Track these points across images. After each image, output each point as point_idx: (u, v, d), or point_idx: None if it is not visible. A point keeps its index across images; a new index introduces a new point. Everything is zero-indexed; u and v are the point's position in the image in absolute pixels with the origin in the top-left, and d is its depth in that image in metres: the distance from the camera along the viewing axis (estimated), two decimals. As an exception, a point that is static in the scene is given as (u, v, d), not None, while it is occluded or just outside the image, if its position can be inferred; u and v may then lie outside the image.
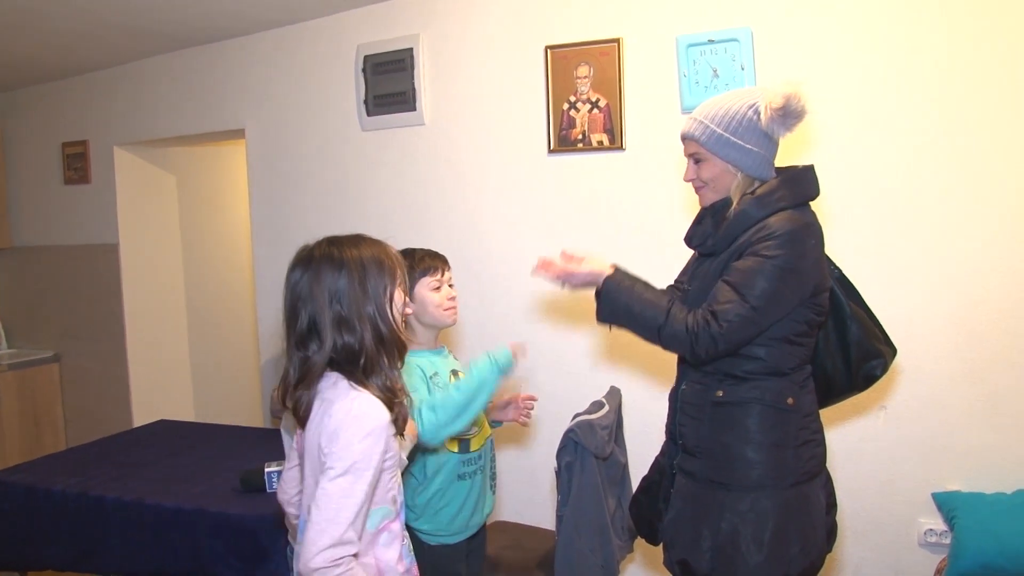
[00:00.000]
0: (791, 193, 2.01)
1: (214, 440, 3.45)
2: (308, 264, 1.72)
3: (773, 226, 1.94)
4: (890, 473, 2.93)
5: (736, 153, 2.01)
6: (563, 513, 2.38)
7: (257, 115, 4.30)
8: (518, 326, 3.58)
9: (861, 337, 2.17)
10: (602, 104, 3.30)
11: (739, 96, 2.04)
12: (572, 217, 3.45)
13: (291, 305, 1.72)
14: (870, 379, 2.22)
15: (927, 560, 2.87)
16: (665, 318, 1.98)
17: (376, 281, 1.73)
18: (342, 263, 1.71)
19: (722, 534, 1.99)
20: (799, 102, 1.95)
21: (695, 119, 2.06)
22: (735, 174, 2.04)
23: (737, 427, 2.01)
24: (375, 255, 1.76)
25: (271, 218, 4.33)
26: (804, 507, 2.03)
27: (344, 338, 1.69)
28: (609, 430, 2.52)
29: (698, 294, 2.08)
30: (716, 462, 2.04)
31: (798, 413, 2.03)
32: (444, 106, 3.72)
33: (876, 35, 2.84)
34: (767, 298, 1.91)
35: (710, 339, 1.92)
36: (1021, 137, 2.66)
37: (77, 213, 5.13)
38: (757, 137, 2.00)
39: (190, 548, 2.65)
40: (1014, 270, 2.70)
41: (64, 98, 5.11)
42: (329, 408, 1.66)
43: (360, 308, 1.70)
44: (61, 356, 5.33)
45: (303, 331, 1.70)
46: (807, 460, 2.03)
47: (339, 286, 1.69)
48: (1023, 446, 2.73)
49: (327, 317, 1.68)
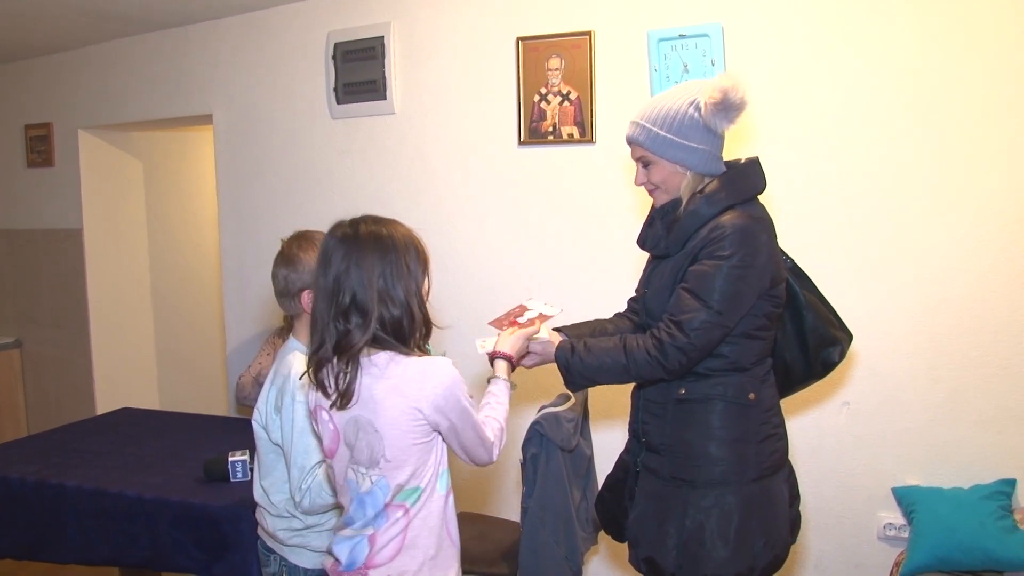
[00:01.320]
0: (738, 190, 2.02)
1: (178, 429, 3.42)
2: (354, 240, 1.76)
3: (724, 226, 1.94)
4: (851, 468, 2.97)
5: (682, 153, 2.00)
6: (528, 505, 2.39)
7: (225, 101, 4.26)
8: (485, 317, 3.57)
9: (817, 325, 2.20)
10: (573, 97, 3.30)
11: (678, 94, 2.02)
12: (541, 209, 3.45)
13: (334, 280, 1.74)
14: (828, 366, 2.24)
15: (886, 553, 2.91)
16: (626, 357, 1.99)
17: (414, 264, 1.80)
18: (390, 240, 1.76)
19: (687, 531, 2.01)
20: (738, 94, 1.94)
21: (637, 123, 2.05)
22: (684, 173, 2.03)
23: (699, 423, 2.02)
24: (414, 241, 1.83)
25: (238, 205, 4.29)
26: (768, 501, 2.05)
27: (391, 311, 1.74)
28: (575, 423, 2.53)
29: (655, 298, 2.10)
30: (679, 459, 2.05)
31: (759, 408, 2.04)
32: (414, 96, 3.70)
33: (847, 31, 2.86)
34: (728, 299, 1.92)
35: (678, 351, 1.93)
36: (990, 139, 2.70)
37: (40, 197, 5.05)
38: (701, 134, 1.99)
39: (151, 538, 2.62)
40: (975, 271, 2.75)
41: (28, 79, 5.02)
42: (419, 377, 1.74)
43: (406, 284, 1.76)
44: (23, 342, 5.25)
45: (345, 305, 1.73)
46: (769, 454, 2.05)
47: (386, 263, 1.74)
48: (981, 442, 2.78)
49: (374, 291, 1.72)
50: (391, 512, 1.79)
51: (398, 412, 1.73)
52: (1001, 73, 2.67)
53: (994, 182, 2.70)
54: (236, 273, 4.33)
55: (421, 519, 1.82)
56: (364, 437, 1.76)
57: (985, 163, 2.71)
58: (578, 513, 2.52)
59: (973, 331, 2.77)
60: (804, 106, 2.94)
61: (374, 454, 1.76)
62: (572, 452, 2.52)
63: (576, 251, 3.39)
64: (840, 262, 2.89)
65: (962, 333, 2.78)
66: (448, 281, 3.63)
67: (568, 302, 3.30)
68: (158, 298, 5.33)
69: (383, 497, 1.78)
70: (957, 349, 2.79)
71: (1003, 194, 2.69)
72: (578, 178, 3.35)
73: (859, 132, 2.87)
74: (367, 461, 1.78)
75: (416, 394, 1.73)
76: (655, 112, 2.02)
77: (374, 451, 1.76)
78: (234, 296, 4.35)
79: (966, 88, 2.72)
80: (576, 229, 3.37)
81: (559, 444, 2.40)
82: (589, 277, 3.35)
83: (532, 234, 3.49)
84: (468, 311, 3.60)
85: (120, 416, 3.68)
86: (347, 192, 3.91)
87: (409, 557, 1.81)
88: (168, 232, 5.39)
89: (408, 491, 1.79)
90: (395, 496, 1.78)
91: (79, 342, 4.94)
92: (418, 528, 1.82)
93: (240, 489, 2.63)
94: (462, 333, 3.61)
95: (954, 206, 2.76)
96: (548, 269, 3.46)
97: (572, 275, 3.40)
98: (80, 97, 4.79)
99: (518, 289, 3.51)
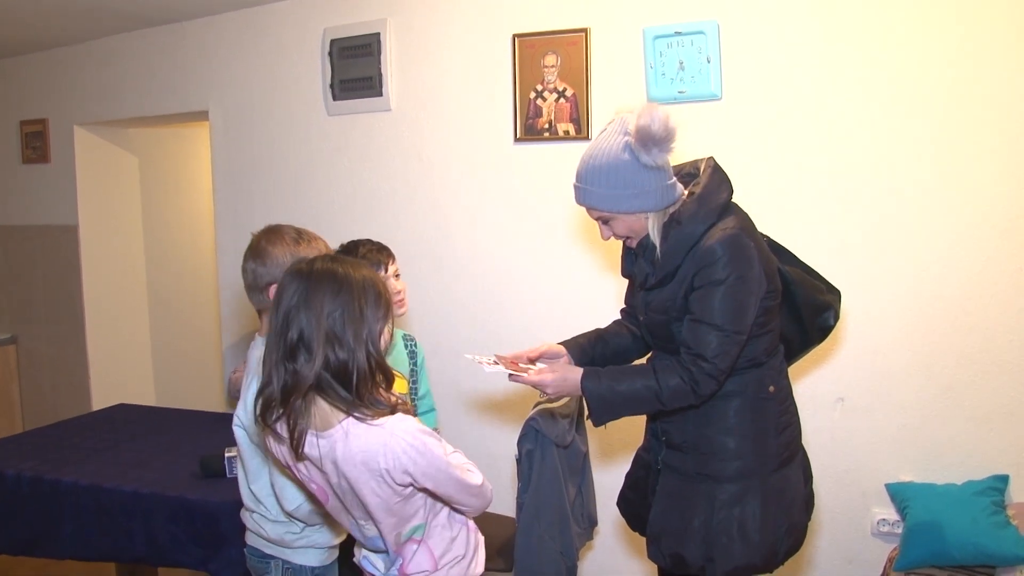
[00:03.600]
0: (712, 208, 2.00)
1: (174, 425, 3.42)
2: (308, 277, 1.69)
3: (713, 248, 1.93)
4: (845, 464, 2.98)
5: (636, 201, 1.97)
6: (523, 500, 2.40)
7: (221, 97, 4.25)
8: (480, 314, 3.59)
9: (806, 296, 2.22)
10: (569, 94, 3.31)
11: (605, 145, 1.97)
12: (537, 206, 3.45)
13: (283, 316, 1.67)
14: (825, 330, 2.29)
15: (879, 549, 2.93)
16: (658, 384, 1.97)
17: (372, 309, 1.71)
18: (343, 282, 1.69)
19: (713, 524, 2.05)
20: (657, 125, 1.87)
21: (582, 187, 2.03)
22: (645, 217, 2.01)
23: (721, 420, 2.06)
24: (373, 284, 1.74)
25: (234, 202, 4.29)
26: (787, 489, 2.10)
27: (337, 355, 1.66)
28: (570, 419, 2.53)
29: (656, 325, 2.11)
30: (702, 456, 2.09)
31: (777, 399, 2.09)
32: (411, 92, 3.70)
33: (842, 27, 2.86)
34: (734, 314, 1.94)
35: (708, 379, 1.95)
36: (985, 136, 2.71)
37: (36, 193, 5.04)
38: (644, 175, 1.94)
39: (147, 533, 2.62)
40: (970, 267, 2.76)
41: (23, 75, 5.01)
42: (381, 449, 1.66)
43: (356, 328, 1.67)
44: (18, 338, 5.24)
45: (293, 343, 1.66)
46: (787, 443, 2.11)
47: (337, 303, 1.66)
48: (974, 438, 2.80)
49: (321, 332, 1.65)
50: (405, 550, 1.81)
51: (374, 484, 1.69)
52: (998, 69, 2.68)
53: (989, 179, 2.71)
54: (232, 269, 4.32)
55: (439, 535, 1.84)
56: (351, 498, 1.76)
57: (981, 160, 2.72)
58: (573, 509, 2.53)
59: (967, 328, 2.78)
60: (799, 102, 2.94)
61: (366, 510, 1.76)
62: (567, 448, 2.52)
63: (573, 248, 3.39)
64: (834, 258, 2.90)
65: (956, 330, 2.80)
66: (443, 277, 3.63)
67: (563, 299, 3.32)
68: (154, 294, 5.32)
69: (391, 544, 1.81)
70: (951, 346, 2.81)
71: (998, 191, 2.70)
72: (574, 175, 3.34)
73: (854, 128, 2.88)
74: (362, 515, 1.78)
75: (384, 466, 1.67)
76: (591, 170, 1.99)
77: (365, 508, 1.75)
78: (229, 292, 4.35)
79: (963, 84, 2.72)
80: (573, 226, 3.37)
81: (554, 440, 2.41)
82: (584, 274, 3.36)
83: (528, 231, 3.49)
84: (462, 307, 3.61)
85: (116, 412, 3.68)
86: (343, 188, 3.92)
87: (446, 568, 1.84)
88: (164, 228, 5.38)
89: (412, 529, 1.80)
90: (399, 540, 1.80)
91: (75, 338, 4.93)
92: (440, 542, 1.84)
93: (236, 485, 2.63)
94: (455, 329, 3.63)
95: (949, 202, 2.77)
96: (543, 266, 3.46)
97: (567, 272, 3.40)
98: (76, 93, 4.79)
99: (513, 286, 3.52)
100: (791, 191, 2.96)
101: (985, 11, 2.67)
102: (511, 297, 3.51)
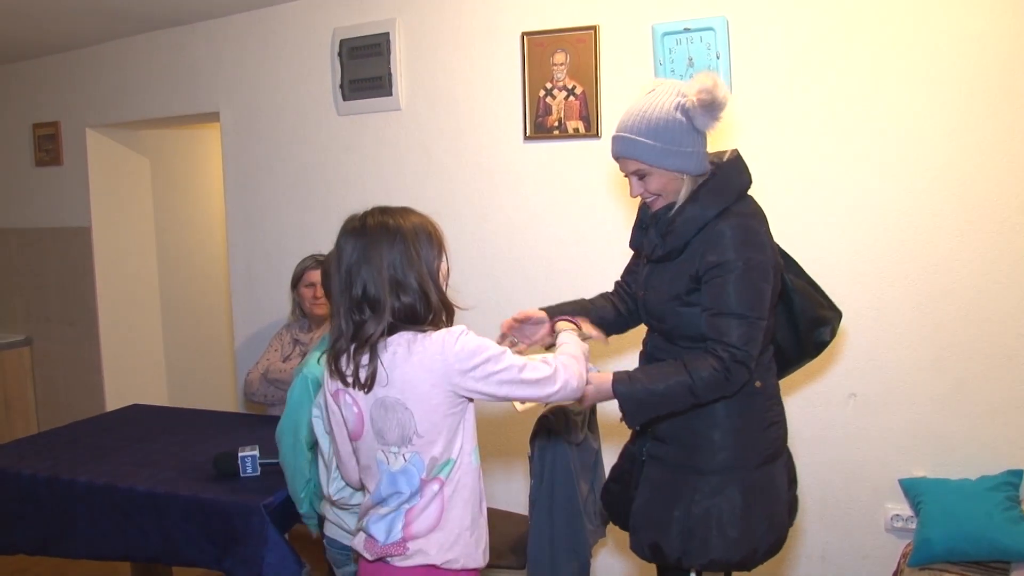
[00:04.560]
0: (730, 190, 2.02)
1: (187, 424, 3.43)
2: (362, 233, 1.79)
3: (724, 232, 1.95)
4: (858, 459, 2.97)
5: (679, 160, 1.98)
6: (536, 497, 2.41)
7: (232, 98, 4.27)
8: (489, 313, 3.58)
9: (805, 307, 2.21)
10: (578, 91, 3.31)
11: (659, 100, 1.99)
12: (547, 204, 3.45)
13: (345, 273, 1.78)
14: (820, 345, 2.27)
15: (893, 544, 2.92)
16: (691, 378, 1.95)
17: (427, 250, 1.82)
18: (397, 231, 1.79)
19: (693, 516, 2.04)
20: (720, 92, 1.92)
21: (626, 137, 2.02)
22: (682, 178, 2.02)
23: (706, 412, 2.05)
24: (424, 226, 1.85)
25: (245, 202, 4.30)
26: (770, 487, 2.09)
27: (402, 300, 1.76)
28: (583, 416, 2.54)
29: (655, 299, 2.11)
30: (685, 447, 2.08)
31: (764, 395, 2.08)
32: (420, 91, 3.71)
33: (852, 24, 2.86)
34: (754, 301, 1.94)
35: (739, 365, 1.93)
36: (994, 129, 2.70)
37: (48, 195, 5.07)
38: (691, 137, 1.97)
39: (162, 532, 2.64)
40: (980, 260, 2.75)
41: (36, 78, 5.04)
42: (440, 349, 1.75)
43: (417, 272, 1.78)
44: (32, 340, 5.28)
45: (357, 297, 1.77)
46: (772, 441, 2.09)
47: (394, 252, 1.77)
48: (988, 433, 2.79)
49: (384, 282, 1.75)
50: (427, 487, 1.82)
51: (428, 387, 1.76)
52: (1008, 65, 2.66)
53: (999, 172, 2.70)
54: (243, 269, 4.34)
55: (456, 491, 1.85)
56: (394, 417, 1.79)
57: (990, 155, 2.71)
58: (586, 506, 2.54)
59: (979, 321, 2.77)
60: (809, 98, 2.93)
61: (405, 432, 1.79)
62: (580, 445, 2.53)
63: (583, 245, 3.39)
64: (845, 253, 2.90)
65: (968, 323, 2.78)
66: (454, 276, 3.62)
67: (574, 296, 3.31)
68: (166, 295, 5.35)
69: (418, 473, 1.81)
70: (963, 339, 2.80)
71: (1008, 185, 2.69)
72: (584, 172, 3.35)
73: (863, 123, 2.87)
74: (398, 440, 1.80)
75: (441, 367, 1.75)
76: (641, 123, 1.99)
77: (405, 429, 1.78)
78: (241, 292, 4.37)
79: (971, 79, 2.71)
80: (581, 223, 3.38)
81: (567, 438, 2.41)
82: (594, 271, 3.36)
83: (537, 228, 3.49)
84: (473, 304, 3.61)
85: (130, 412, 3.70)
86: (353, 188, 3.93)
87: (447, 531, 1.83)
88: (176, 229, 5.41)
89: (442, 464, 1.82)
90: (431, 471, 1.81)
91: (88, 339, 4.96)
92: (454, 500, 1.84)
93: (250, 484, 2.65)
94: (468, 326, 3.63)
95: (959, 195, 2.76)
96: (553, 263, 3.46)
97: (577, 269, 3.40)
98: (88, 96, 4.81)
99: (524, 284, 3.52)
100: (801, 186, 2.95)
101: (996, 9, 2.66)
102: (522, 295, 3.51)
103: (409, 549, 1.81)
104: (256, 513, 2.47)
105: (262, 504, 2.46)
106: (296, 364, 3.54)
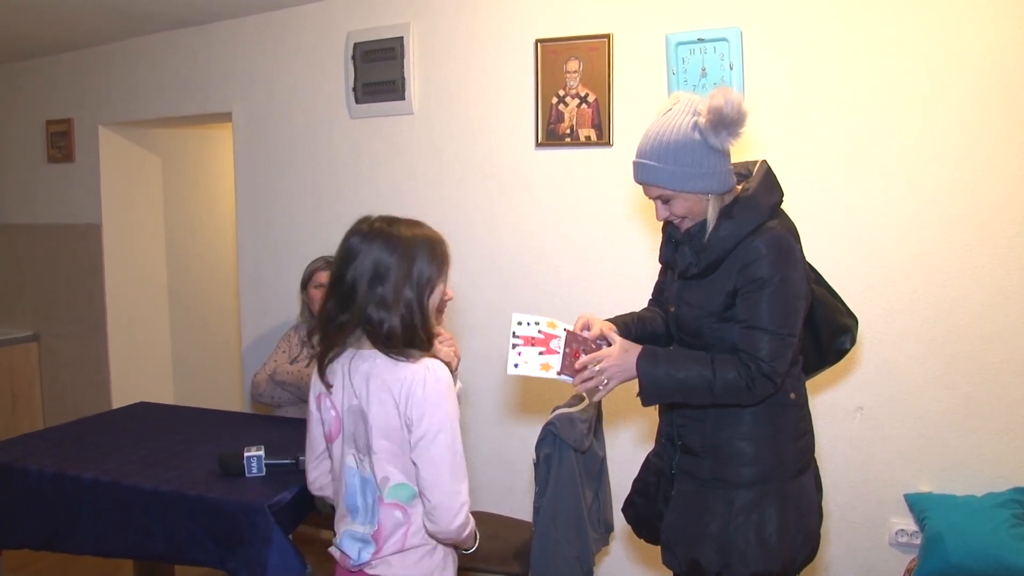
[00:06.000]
0: (763, 207, 2.00)
1: (193, 423, 3.43)
2: (365, 235, 1.81)
3: (756, 244, 1.94)
4: (863, 474, 2.96)
5: (701, 182, 1.95)
6: (540, 505, 2.40)
7: (244, 99, 4.29)
8: (500, 319, 3.59)
9: (827, 315, 2.21)
10: (591, 99, 3.31)
11: (674, 122, 1.96)
12: (557, 211, 3.46)
13: (339, 268, 1.81)
14: (840, 353, 2.28)
15: (897, 560, 2.91)
16: (714, 375, 1.94)
17: (424, 265, 1.81)
18: (396, 241, 1.79)
19: (730, 530, 2.04)
20: (732, 108, 1.86)
21: (646, 163, 1.99)
22: (707, 199, 2.00)
23: (736, 424, 2.05)
24: (428, 243, 1.84)
25: (256, 203, 4.31)
26: (804, 497, 2.10)
27: (378, 313, 1.77)
28: (588, 423, 2.54)
29: (689, 315, 2.10)
30: (719, 461, 2.07)
31: (797, 405, 2.08)
32: (433, 96, 3.72)
33: (865, 35, 2.86)
34: (787, 318, 1.94)
35: (764, 379, 1.93)
36: (1007, 143, 2.70)
37: (60, 192, 5.10)
38: (711, 157, 1.94)
39: (167, 531, 2.63)
40: (991, 275, 2.74)
41: (49, 76, 5.06)
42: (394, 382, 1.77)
43: (399, 290, 1.78)
44: (40, 336, 5.29)
45: (344, 294, 1.79)
46: (804, 451, 2.10)
47: (386, 263, 1.78)
48: (994, 449, 2.78)
49: (364, 288, 1.77)
50: (390, 510, 1.84)
51: (386, 408, 1.78)
52: (1016, 79, 2.66)
53: (1009, 186, 2.70)
54: (252, 270, 4.35)
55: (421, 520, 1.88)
56: (360, 425, 1.83)
57: (1000, 167, 2.71)
58: (590, 514, 2.53)
59: (988, 336, 2.76)
60: (822, 110, 2.93)
61: (367, 440, 1.82)
62: (585, 453, 2.52)
63: (593, 253, 3.39)
64: (854, 265, 2.90)
65: (977, 338, 2.78)
66: (463, 281, 3.64)
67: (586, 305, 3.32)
68: (174, 294, 5.36)
69: (373, 491, 1.86)
70: (972, 355, 2.79)
71: (1018, 198, 2.69)
72: (595, 180, 3.36)
73: (877, 135, 2.87)
74: (363, 448, 1.84)
75: (399, 394, 1.77)
76: (659, 147, 1.96)
77: (367, 438, 1.82)
78: (250, 293, 4.38)
79: (983, 94, 2.71)
80: (593, 231, 3.38)
81: (572, 445, 2.41)
82: (606, 279, 3.36)
83: (547, 235, 3.50)
84: (483, 311, 3.61)
85: (136, 410, 3.70)
86: (364, 192, 3.93)
87: (412, 557, 1.88)
88: (185, 229, 5.42)
89: (398, 487, 1.84)
90: (384, 490, 1.83)
91: (96, 336, 4.97)
92: (419, 527, 1.88)
93: (255, 484, 2.65)
94: (476, 332, 3.63)
95: (969, 209, 2.76)
96: (562, 270, 3.47)
97: (589, 277, 3.40)
98: (101, 93, 4.83)
99: (532, 290, 3.52)
100: (812, 198, 2.95)
101: (1010, 16, 2.66)
102: (533, 301, 3.51)
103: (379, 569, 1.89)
104: (261, 514, 2.47)
105: (267, 505, 2.46)
106: (304, 366, 3.55)
